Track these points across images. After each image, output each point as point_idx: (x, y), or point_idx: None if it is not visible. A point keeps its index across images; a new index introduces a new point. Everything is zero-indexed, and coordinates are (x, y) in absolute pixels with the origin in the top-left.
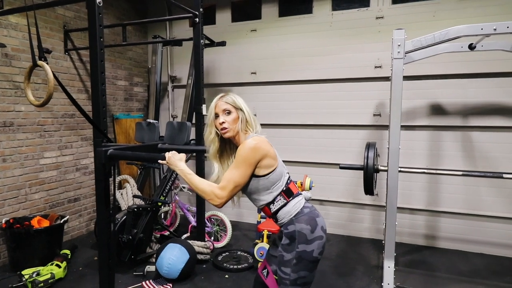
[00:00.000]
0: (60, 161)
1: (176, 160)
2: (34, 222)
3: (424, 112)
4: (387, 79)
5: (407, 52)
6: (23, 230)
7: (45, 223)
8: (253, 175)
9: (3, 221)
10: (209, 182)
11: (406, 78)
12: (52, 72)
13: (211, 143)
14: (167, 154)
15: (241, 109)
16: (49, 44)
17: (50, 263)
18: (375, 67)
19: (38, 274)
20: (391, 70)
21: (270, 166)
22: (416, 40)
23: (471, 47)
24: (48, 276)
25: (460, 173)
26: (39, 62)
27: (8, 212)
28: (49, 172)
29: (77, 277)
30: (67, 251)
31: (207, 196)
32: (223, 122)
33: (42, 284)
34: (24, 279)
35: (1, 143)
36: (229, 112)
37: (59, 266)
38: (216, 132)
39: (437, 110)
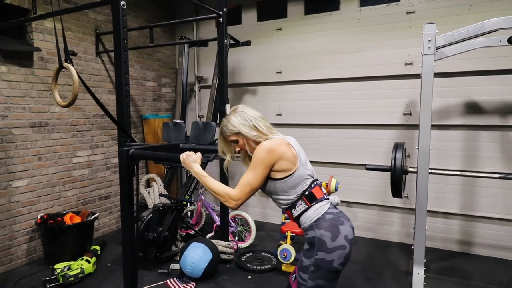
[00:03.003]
0: (91, 159)
1: (191, 162)
2: (67, 218)
3: (459, 110)
4: (418, 76)
5: (438, 48)
6: (56, 226)
7: (77, 219)
8: (269, 178)
9: (38, 217)
10: (223, 185)
11: (439, 75)
12: (78, 73)
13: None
14: (181, 156)
15: (239, 133)
16: (82, 47)
17: (80, 258)
18: (406, 64)
19: (69, 269)
20: (421, 66)
21: (286, 170)
22: (448, 34)
23: (511, 41)
24: (78, 270)
25: (497, 175)
26: (65, 64)
27: (43, 208)
28: (81, 171)
29: (106, 272)
30: (97, 247)
31: (222, 198)
32: (239, 151)
33: (72, 278)
34: (56, 273)
35: (37, 142)
36: (236, 141)
37: (89, 261)
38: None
39: (473, 108)
